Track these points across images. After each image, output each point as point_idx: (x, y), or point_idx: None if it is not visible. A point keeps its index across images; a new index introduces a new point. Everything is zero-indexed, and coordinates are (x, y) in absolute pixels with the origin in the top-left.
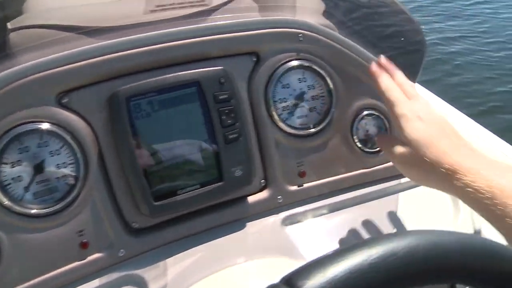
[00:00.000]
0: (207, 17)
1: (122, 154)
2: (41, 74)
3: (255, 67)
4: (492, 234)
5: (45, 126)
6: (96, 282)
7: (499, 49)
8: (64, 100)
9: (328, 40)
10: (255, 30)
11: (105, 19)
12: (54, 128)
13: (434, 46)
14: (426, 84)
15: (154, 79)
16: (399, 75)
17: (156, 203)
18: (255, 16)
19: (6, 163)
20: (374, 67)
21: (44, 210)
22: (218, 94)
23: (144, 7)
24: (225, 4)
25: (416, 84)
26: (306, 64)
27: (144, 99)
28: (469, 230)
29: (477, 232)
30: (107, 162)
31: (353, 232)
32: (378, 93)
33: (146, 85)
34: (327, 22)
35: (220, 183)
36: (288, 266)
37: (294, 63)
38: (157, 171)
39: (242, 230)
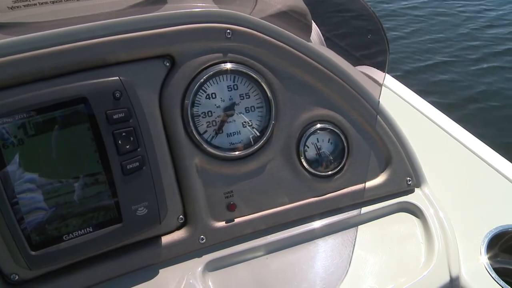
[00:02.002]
0: (98, 13)
1: None
2: None
3: (169, 73)
4: (473, 283)
5: None
6: None
7: None
8: None
9: (265, 36)
10: (167, 26)
11: None
12: None
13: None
14: None
15: (26, 95)
16: None
17: (34, 253)
18: (170, 9)
19: None
20: None
21: None
22: (113, 113)
23: None
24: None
25: (387, 76)
26: (237, 67)
27: (14, 122)
28: (444, 277)
29: (455, 279)
30: None
31: (296, 279)
32: None
33: (16, 104)
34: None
35: (118, 225)
36: None
37: (221, 66)
38: (34, 212)
39: (153, 279)
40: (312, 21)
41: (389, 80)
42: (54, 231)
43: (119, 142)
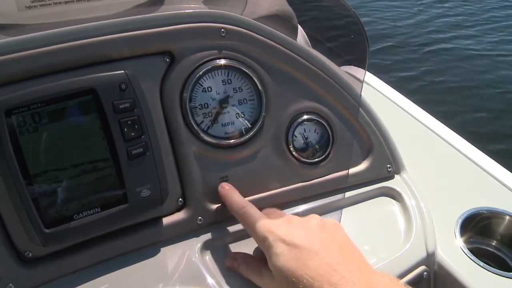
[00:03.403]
0: (105, 12)
1: (3, 177)
2: None
3: (169, 68)
4: (447, 258)
5: None
6: None
7: None
8: None
9: (255, 35)
10: (167, 26)
11: None
12: None
13: None
14: None
15: (40, 87)
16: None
17: (48, 231)
18: (169, 10)
19: None
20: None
21: None
22: (119, 103)
23: (17, 2)
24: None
25: (367, 73)
26: (230, 63)
27: (29, 112)
28: (421, 252)
29: (431, 255)
30: None
31: None
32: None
33: (30, 95)
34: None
35: (124, 205)
36: None
37: (216, 62)
38: (47, 193)
39: (155, 256)
40: (298, 25)
41: (370, 77)
42: (65, 211)
43: (125, 129)
